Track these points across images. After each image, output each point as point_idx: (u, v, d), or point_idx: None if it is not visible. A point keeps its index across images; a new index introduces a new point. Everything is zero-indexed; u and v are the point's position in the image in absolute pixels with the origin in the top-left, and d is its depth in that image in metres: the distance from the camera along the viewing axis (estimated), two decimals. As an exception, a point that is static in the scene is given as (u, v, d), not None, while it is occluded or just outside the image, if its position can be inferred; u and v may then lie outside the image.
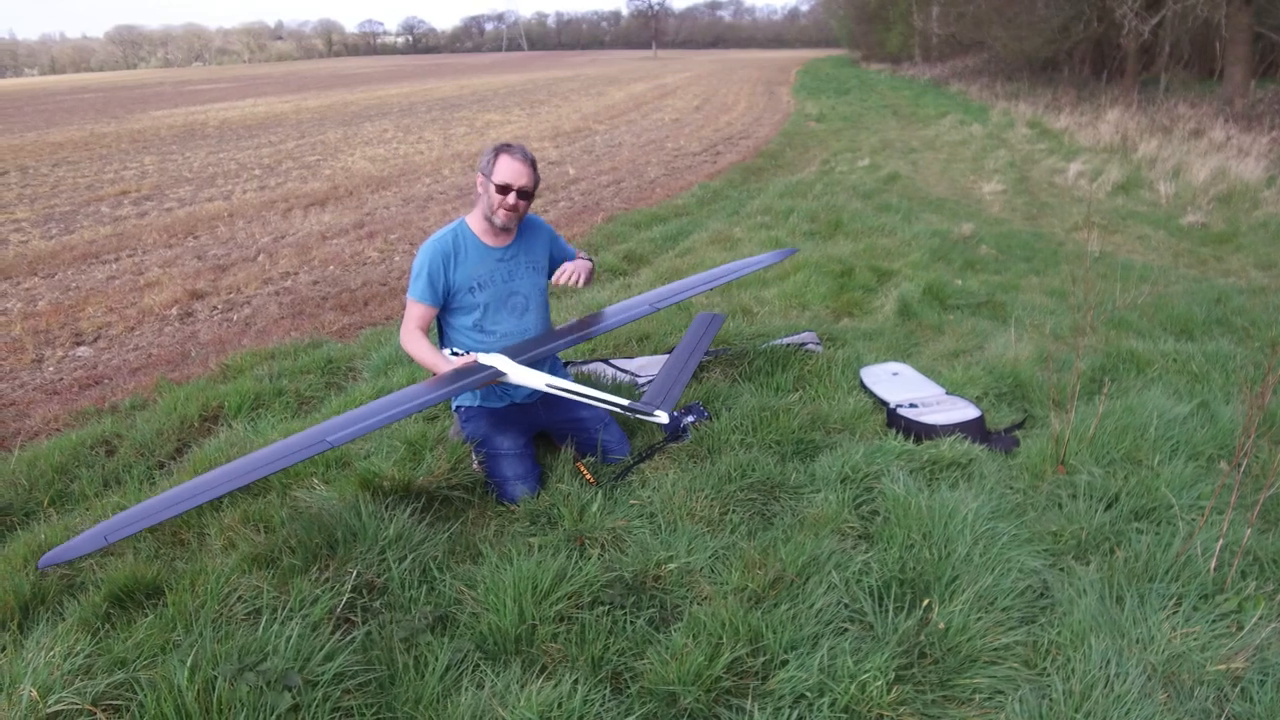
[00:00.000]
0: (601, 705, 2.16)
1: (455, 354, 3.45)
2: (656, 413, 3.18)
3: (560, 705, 2.11)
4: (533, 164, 3.36)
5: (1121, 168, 14.23)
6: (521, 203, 3.35)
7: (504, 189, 3.30)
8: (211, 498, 2.62)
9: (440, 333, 3.60)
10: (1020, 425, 3.88)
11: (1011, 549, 2.72)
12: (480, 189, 3.40)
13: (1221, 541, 2.66)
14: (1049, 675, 2.27)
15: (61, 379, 5.51)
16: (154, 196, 12.39)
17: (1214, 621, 2.45)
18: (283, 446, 2.84)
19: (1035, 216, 11.24)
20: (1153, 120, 18.71)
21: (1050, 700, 2.17)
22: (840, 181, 11.83)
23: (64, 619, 2.53)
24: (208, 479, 2.70)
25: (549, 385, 3.29)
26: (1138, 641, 2.37)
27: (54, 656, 2.20)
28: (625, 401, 3.24)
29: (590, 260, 3.68)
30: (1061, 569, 2.75)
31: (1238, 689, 2.26)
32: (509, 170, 3.30)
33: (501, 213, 3.34)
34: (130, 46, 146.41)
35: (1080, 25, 24.76)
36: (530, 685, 2.16)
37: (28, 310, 6.98)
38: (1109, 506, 3.07)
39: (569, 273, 3.51)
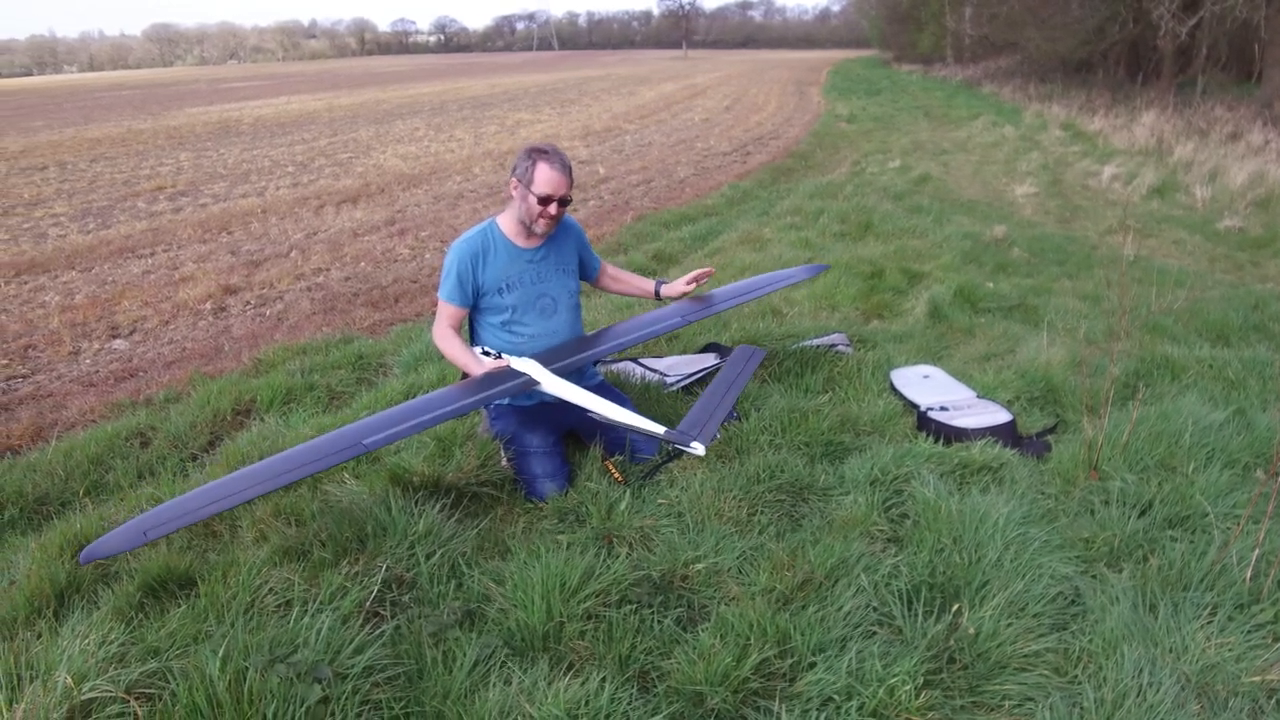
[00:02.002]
0: (628, 704, 2.16)
1: (486, 354, 3.45)
2: (693, 444, 3.08)
3: (587, 703, 2.11)
4: (569, 170, 3.35)
5: (1157, 171, 14.03)
6: (562, 210, 3.36)
7: (545, 200, 3.29)
8: (252, 496, 2.64)
9: (470, 329, 3.61)
10: (1052, 430, 3.83)
11: (1043, 555, 2.69)
12: (516, 195, 3.35)
13: (1258, 551, 2.61)
14: (1080, 683, 2.24)
15: (98, 371, 5.60)
16: (189, 192, 12.56)
17: (1249, 632, 2.41)
18: (319, 446, 2.86)
19: (1068, 219, 11.11)
20: (1189, 123, 18.42)
21: (1081, 708, 2.14)
22: (871, 183, 11.75)
23: (99, 608, 2.57)
24: (247, 475, 2.72)
25: (582, 403, 3.27)
26: (1171, 651, 2.34)
27: (89, 644, 2.23)
28: (662, 430, 3.15)
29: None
30: (1094, 576, 2.72)
31: (1273, 701, 2.22)
32: (549, 180, 3.27)
33: (542, 222, 3.34)
34: (166, 45, 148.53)
35: (1116, 26, 24.44)
36: (558, 682, 2.17)
37: (65, 303, 7.10)
38: (1142, 513, 3.02)
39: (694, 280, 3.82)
